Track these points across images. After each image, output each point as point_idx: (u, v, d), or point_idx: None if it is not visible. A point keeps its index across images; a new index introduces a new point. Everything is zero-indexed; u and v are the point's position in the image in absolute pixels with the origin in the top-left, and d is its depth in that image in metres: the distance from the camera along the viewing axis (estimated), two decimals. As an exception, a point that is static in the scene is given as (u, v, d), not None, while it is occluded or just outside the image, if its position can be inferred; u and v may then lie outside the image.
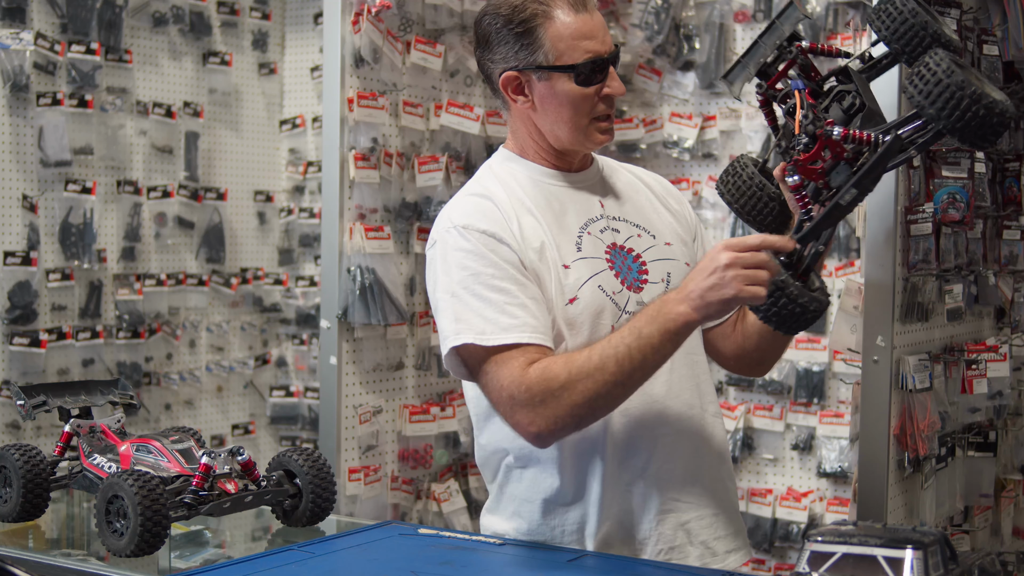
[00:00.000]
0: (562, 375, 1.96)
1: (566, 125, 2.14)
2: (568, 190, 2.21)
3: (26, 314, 3.75)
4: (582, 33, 2.10)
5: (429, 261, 2.18)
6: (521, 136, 2.23)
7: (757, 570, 3.96)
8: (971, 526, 3.13)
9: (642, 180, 2.35)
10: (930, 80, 1.84)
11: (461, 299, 2.06)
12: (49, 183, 3.86)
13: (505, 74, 2.14)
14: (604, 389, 1.96)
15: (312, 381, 4.53)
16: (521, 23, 2.10)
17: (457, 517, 3.70)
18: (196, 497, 2.04)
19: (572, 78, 2.10)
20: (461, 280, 2.07)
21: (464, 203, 2.17)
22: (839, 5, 3.84)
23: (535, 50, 2.10)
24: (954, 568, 1.58)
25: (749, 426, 3.99)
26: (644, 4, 4.17)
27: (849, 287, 3.11)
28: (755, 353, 2.32)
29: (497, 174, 2.22)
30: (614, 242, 2.18)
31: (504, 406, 2.02)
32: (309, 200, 4.58)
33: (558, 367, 1.98)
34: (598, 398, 1.96)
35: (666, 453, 2.15)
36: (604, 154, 2.43)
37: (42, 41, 3.79)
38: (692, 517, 2.18)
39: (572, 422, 2.00)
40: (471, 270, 2.06)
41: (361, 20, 3.39)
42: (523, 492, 2.18)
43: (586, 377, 1.95)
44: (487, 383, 2.05)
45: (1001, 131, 1.88)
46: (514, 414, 2.00)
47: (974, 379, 3.02)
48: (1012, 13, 2.99)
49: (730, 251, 1.89)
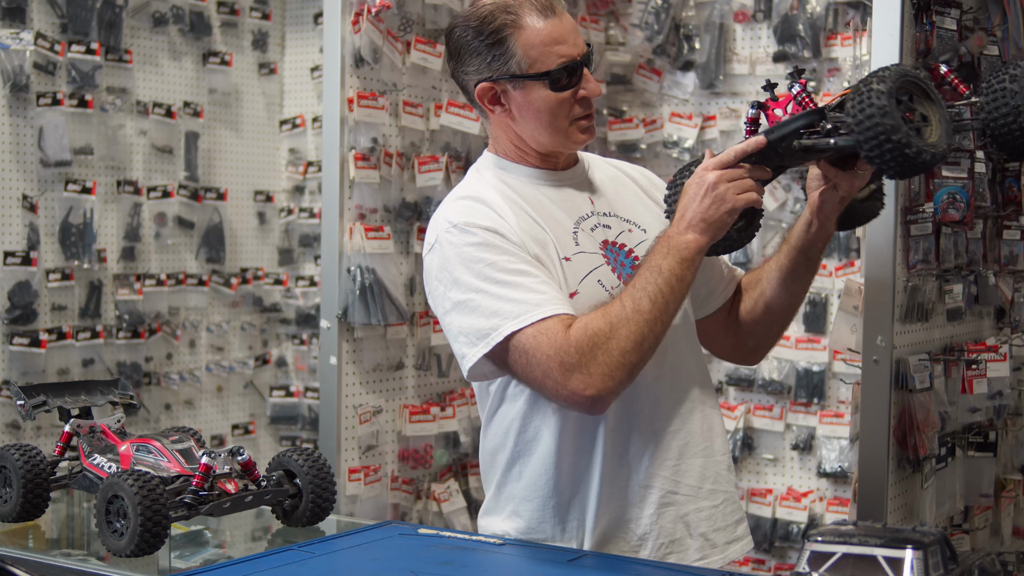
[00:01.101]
0: (604, 326, 1.96)
1: (546, 130, 2.15)
2: (556, 189, 2.21)
3: (26, 314, 3.75)
4: (553, 38, 2.09)
5: (430, 266, 2.14)
6: (503, 143, 2.23)
7: (757, 570, 3.96)
8: (971, 526, 3.13)
9: (627, 174, 2.36)
10: (865, 109, 1.86)
11: (488, 292, 2.02)
12: (49, 183, 3.86)
13: (480, 85, 2.14)
14: (647, 328, 1.96)
15: (312, 381, 4.53)
16: (491, 33, 2.10)
17: (457, 517, 3.70)
18: (196, 497, 2.04)
19: (547, 85, 2.10)
20: (480, 272, 2.04)
21: (457, 206, 2.16)
22: (839, 5, 3.84)
23: (507, 59, 2.10)
24: (954, 568, 1.58)
25: (749, 426, 3.99)
26: (644, 4, 4.17)
27: (849, 287, 3.11)
28: (750, 340, 2.34)
29: (485, 178, 2.21)
30: (606, 239, 2.19)
31: (554, 377, 1.97)
32: (309, 200, 4.58)
33: (597, 320, 1.97)
34: (643, 339, 1.97)
35: (664, 446, 2.16)
36: (604, 154, 2.43)
37: (42, 41, 3.79)
38: (691, 509, 2.18)
39: (624, 372, 1.97)
40: (486, 261, 2.04)
41: (361, 20, 3.39)
42: (521, 491, 2.18)
43: (627, 321, 1.96)
44: (528, 363, 2.00)
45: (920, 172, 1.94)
46: (568, 382, 1.96)
47: (974, 379, 3.02)
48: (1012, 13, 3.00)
49: (714, 170, 2.00)
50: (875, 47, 2.77)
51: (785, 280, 2.25)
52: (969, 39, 1.99)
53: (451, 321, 2.08)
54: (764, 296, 2.29)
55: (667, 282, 1.98)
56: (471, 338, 2.04)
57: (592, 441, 2.13)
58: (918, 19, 2.81)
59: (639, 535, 2.15)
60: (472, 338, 2.04)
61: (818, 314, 3.88)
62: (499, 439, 2.20)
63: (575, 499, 2.14)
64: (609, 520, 2.14)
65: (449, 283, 2.08)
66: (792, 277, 2.25)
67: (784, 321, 2.33)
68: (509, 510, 2.20)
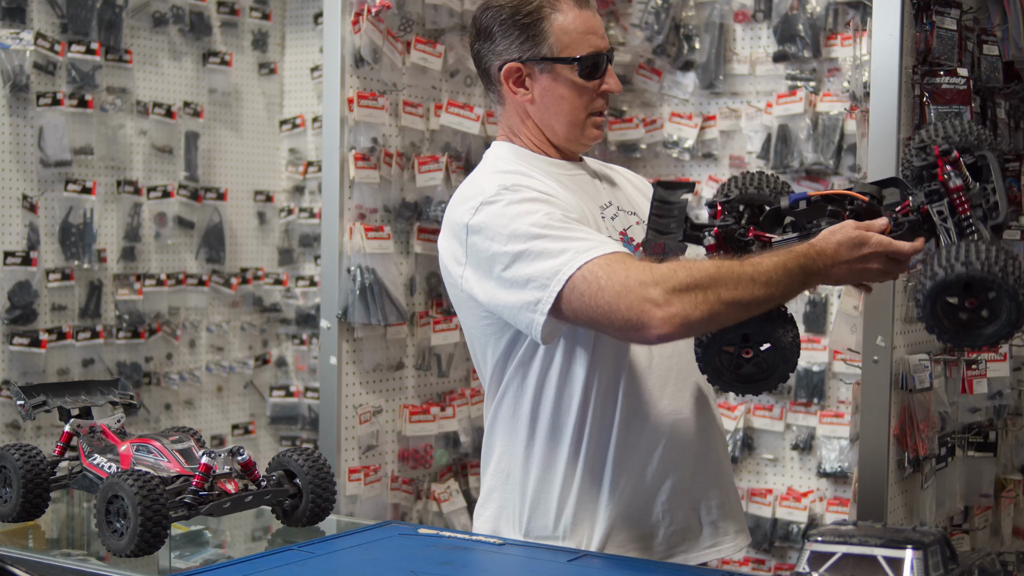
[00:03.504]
0: (710, 270, 1.89)
1: (564, 118, 2.18)
2: (576, 176, 2.24)
3: (26, 314, 3.75)
4: (587, 28, 2.16)
5: (477, 228, 2.05)
6: (517, 129, 2.24)
7: (757, 570, 3.96)
8: (971, 526, 3.13)
9: (619, 173, 2.40)
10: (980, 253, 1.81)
11: (551, 236, 1.97)
12: (49, 183, 3.86)
13: (507, 66, 2.17)
14: (748, 298, 1.89)
15: (312, 381, 4.53)
16: (528, 14, 2.15)
17: (457, 517, 3.71)
18: (196, 497, 2.04)
19: (575, 70, 2.15)
20: (538, 222, 1.99)
21: (493, 177, 2.13)
22: (839, 5, 3.84)
23: (540, 42, 2.14)
24: (954, 568, 1.58)
25: (749, 426, 3.99)
26: (644, 4, 4.17)
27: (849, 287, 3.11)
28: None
29: (506, 160, 2.22)
30: (622, 229, 2.21)
31: (632, 296, 1.88)
32: (309, 200, 4.58)
33: (703, 264, 1.91)
34: (740, 305, 1.90)
35: (673, 436, 2.17)
36: (604, 154, 2.44)
37: (42, 41, 3.79)
38: (701, 498, 2.20)
39: (706, 316, 1.89)
40: (543, 211, 2.01)
41: (361, 20, 3.39)
42: (525, 483, 2.18)
43: (737, 281, 1.88)
44: (599, 288, 1.91)
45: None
46: (645, 298, 1.87)
47: (974, 379, 3.02)
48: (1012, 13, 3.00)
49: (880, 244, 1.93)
50: (875, 47, 2.78)
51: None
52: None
53: (515, 273, 2.00)
54: None
55: (788, 282, 1.92)
56: (542, 280, 1.96)
57: (607, 432, 2.13)
58: (918, 19, 2.82)
59: (651, 524, 2.16)
60: (543, 280, 1.96)
61: (818, 314, 3.88)
62: (507, 431, 2.20)
63: (587, 490, 2.15)
64: (621, 511, 2.15)
65: (506, 237, 2.01)
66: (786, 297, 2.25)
67: None
68: (515, 502, 2.20)
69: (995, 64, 3.00)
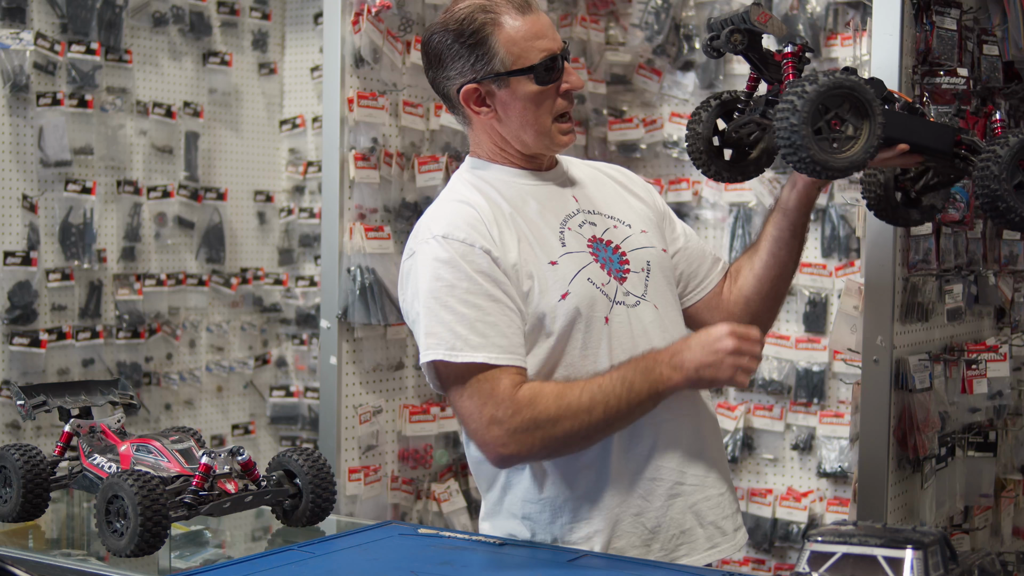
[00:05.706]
0: (552, 408, 2.01)
1: (531, 128, 2.17)
2: (542, 188, 2.23)
3: (26, 314, 3.75)
4: (533, 34, 2.13)
5: (405, 273, 2.16)
6: (486, 146, 2.25)
7: (757, 570, 3.96)
8: (971, 526, 3.13)
9: (605, 173, 2.38)
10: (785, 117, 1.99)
11: (433, 312, 2.06)
12: (49, 183, 3.86)
13: (464, 88, 2.16)
14: (585, 431, 2.03)
15: (312, 381, 4.53)
16: (472, 34, 2.12)
17: (457, 517, 3.71)
18: (196, 497, 2.04)
19: (531, 79, 2.13)
20: (434, 291, 2.06)
21: (444, 210, 2.17)
22: (839, 5, 3.84)
23: (490, 59, 2.12)
24: (954, 568, 1.58)
25: (749, 426, 3.99)
26: (644, 4, 4.17)
27: (849, 287, 3.11)
28: (744, 319, 2.34)
29: (471, 181, 2.23)
30: (594, 235, 2.20)
31: (478, 423, 2.03)
32: (309, 200, 4.58)
33: (549, 400, 2.02)
34: (578, 438, 2.05)
35: (669, 437, 2.17)
36: (604, 155, 2.44)
37: (42, 41, 3.79)
38: (699, 499, 2.20)
39: (543, 454, 2.07)
40: (446, 281, 2.06)
41: (361, 20, 3.39)
42: (524, 493, 2.18)
43: (573, 416, 2.02)
44: (460, 398, 2.05)
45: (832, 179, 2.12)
46: (489, 431, 2.02)
47: (974, 379, 3.02)
48: (1012, 13, 3.00)
49: (734, 338, 2.03)
50: (875, 47, 2.77)
51: (773, 248, 2.30)
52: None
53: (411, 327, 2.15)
54: (754, 269, 2.34)
55: (628, 402, 2.04)
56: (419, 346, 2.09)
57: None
58: (918, 19, 2.81)
59: (650, 528, 2.16)
60: (419, 347, 2.09)
61: (818, 314, 3.88)
62: None
63: (584, 496, 2.15)
64: (619, 515, 2.15)
65: (415, 292, 2.11)
66: (779, 243, 2.30)
67: (775, 294, 2.36)
68: (515, 512, 2.20)
69: (995, 64, 3.00)
